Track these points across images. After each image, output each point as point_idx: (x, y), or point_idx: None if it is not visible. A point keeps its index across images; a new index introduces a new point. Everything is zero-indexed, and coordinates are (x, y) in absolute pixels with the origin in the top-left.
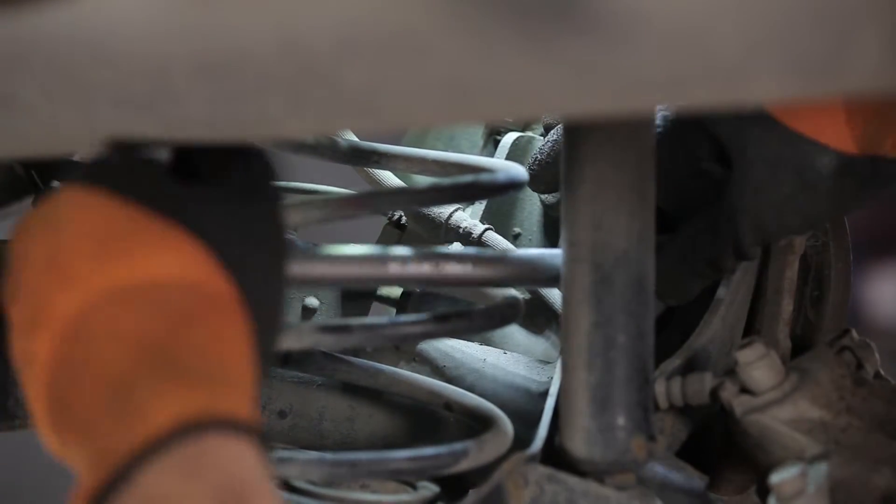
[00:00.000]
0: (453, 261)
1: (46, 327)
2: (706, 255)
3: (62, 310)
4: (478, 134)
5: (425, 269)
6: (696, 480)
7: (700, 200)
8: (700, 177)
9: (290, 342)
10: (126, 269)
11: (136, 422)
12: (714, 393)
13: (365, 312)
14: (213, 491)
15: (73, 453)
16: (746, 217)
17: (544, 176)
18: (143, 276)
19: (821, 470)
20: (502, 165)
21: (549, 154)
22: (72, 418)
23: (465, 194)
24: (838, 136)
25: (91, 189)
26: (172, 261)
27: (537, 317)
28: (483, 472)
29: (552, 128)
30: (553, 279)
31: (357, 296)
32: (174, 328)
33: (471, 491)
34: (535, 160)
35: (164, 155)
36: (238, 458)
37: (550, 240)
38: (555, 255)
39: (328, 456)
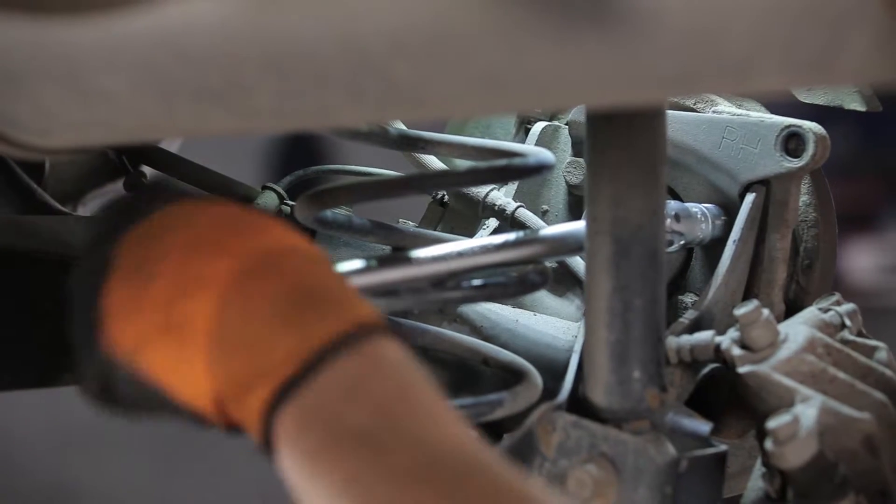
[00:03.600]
0: (494, 249)
1: (207, 289)
2: None
3: (221, 273)
4: (511, 123)
5: (473, 260)
6: (702, 426)
7: None
8: None
9: None
10: (260, 240)
11: (312, 330)
12: (718, 349)
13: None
14: (392, 384)
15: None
16: None
17: None
18: (272, 243)
19: (810, 416)
20: (532, 151)
21: None
22: (239, 343)
23: (500, 176)
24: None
25: (194, 201)
26: (285, 234)
27: (563, 283)
28: (516, 420)
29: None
30: (577, 249)
31: None
32: (308, 274)
33: (505, 436)
34: None
35: None
36: (401, 352)
37: (574, 216)
38: (578, 228)
39: None
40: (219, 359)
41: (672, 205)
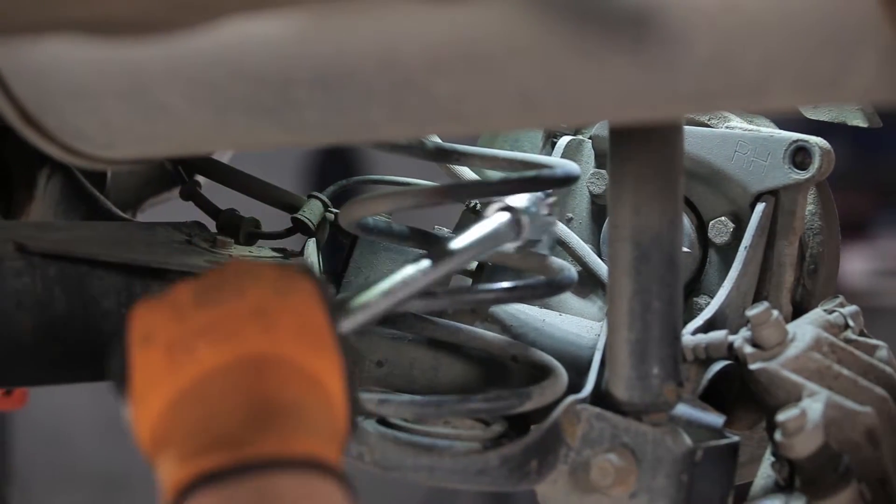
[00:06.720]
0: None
1: (194, 364)
2: None
3: (209, 358)
4: (538, 137)
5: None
6: (716, 418)
7: None
8: None
9: (387, 305)
10: (264, 341)
11: (263, 440)
12: (731, 347)
13: (446, 282)
14: None
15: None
16: None
17: None
18: (274, 349)
19: (817, 410)
20: (559, 163)
21: None
22: (196, 412)
23: (529, 186)
24: None
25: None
26: (293, 339)
27: (587, 285)
28: (543, 412)
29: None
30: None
31: None
32: (288, 390)
33: (533, 427)
34: None
35: None
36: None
37: (597, 223)
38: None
39: (418, 398)
40: (174, 413)
41: None
